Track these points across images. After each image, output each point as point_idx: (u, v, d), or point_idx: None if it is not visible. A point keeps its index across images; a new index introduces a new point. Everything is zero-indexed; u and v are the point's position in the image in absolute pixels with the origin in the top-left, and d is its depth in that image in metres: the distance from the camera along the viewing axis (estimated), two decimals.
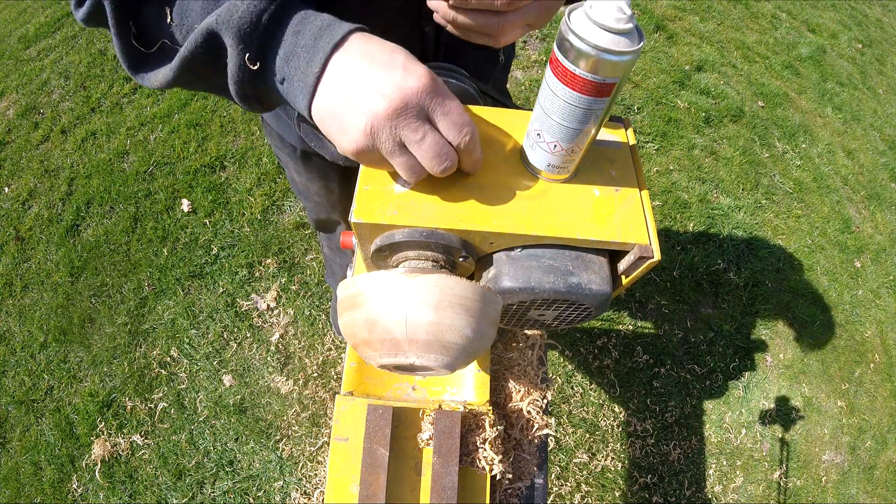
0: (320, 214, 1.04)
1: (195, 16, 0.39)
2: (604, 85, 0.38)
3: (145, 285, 1.71)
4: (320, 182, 0.89)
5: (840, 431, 1.73)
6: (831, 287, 1.99)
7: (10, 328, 1.64)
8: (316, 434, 1.53)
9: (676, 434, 1.64)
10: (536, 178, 0.48)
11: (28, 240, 1.79)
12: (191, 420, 1.53)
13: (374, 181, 0.46)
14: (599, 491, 1.54)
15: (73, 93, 2.12)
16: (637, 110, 2.31)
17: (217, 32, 0.36)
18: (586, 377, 1.70)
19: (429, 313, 0.40)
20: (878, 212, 2.24)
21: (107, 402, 1.53)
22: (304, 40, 0.37)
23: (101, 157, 1.95)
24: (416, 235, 0.45)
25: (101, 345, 1.62)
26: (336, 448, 0.57)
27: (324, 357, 1.64)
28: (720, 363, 1.77)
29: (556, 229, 0.45)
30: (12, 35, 2.32)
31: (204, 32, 0.37)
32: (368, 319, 0.41)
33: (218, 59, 0.38)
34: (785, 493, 1.62)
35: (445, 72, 0.57)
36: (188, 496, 1.44)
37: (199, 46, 0.37)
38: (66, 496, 1.43)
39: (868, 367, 1.86)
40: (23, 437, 1.49)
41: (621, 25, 0.36)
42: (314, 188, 0.92)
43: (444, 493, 0.52)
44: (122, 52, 0.41)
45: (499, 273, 0.47)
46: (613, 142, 0.52)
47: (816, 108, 2.54)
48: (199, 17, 0.39)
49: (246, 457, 1.49)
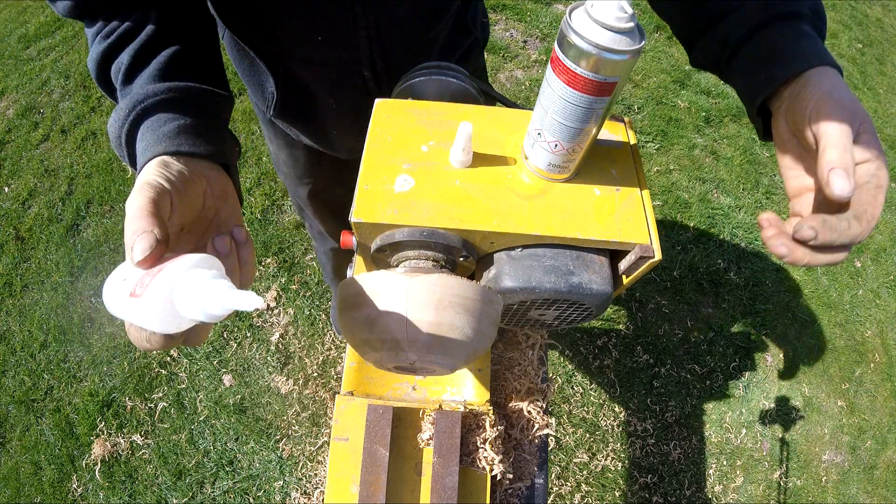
0: (292, 189, 1.03)
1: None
2: (605, 84, 0.38)
3: None
4: (287, 150, 0.89)
5: (840, 431, 1.73)
6: (831, 287, 1.99)
7: (10, 328, 1.64)
8: (316, 434, 1.53)
9: (676, 434, 1.64)
10: (537, 177, 0.48)
11: (28, 240, 1.79)
12: (191, 420, 1.53)
13: (374, 180, 0.46)
14: (599, 491, 1.54)
15: (73, 92, 2.12)
16: (637, 110, 2.31)
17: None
18: (586, 377, 1.70)
19: (429, 313, 0.40)
20: None
21: (107, 402, 1.53)
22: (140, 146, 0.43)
23: (101, 157, 1.95)
24: (416, 235, 0.45)
25: (101, 344, 1.62)
26: (336, 448, 0.57)
27: (324, 357, 1.64)
28: (720, 363, 1.77)
29: (557, 229, 0.45)
30: (12, 35, 2.32)
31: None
32: (368, 319, 0.41)
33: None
34: (785, 493, 1.62)
35: (445, 71, 0.57)
36: (188, 496, 1.44)
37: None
38: (66, 496, 1.43)
39: (868, 366, 1.86)
40: (23, 437, 1.49)
41: (622, 24, 0.36)
42: (282, 157, 0.92)
43: (444, 494, 0.52)
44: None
45: (499, 273, 0.47)
46: (614, 141, 0.52)
47: None
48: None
49: (246, 456, 1.49)
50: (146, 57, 0.46)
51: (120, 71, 0.46)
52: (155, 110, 0.43)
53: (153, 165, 0.39)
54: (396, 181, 0.46)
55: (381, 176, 0.47)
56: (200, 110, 0.45)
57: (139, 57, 0.46)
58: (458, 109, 0.53)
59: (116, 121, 0.43)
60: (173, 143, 0.41)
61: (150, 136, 0.41)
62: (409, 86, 0.58)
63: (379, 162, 0.48)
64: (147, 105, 0.43)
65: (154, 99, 0.43)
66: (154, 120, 0.42)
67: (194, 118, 0.44)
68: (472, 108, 0.53)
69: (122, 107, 0.43)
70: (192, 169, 0.41)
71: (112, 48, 0.46)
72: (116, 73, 0.46)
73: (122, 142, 0.43)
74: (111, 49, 0.46)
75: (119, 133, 0.43)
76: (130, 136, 0.43)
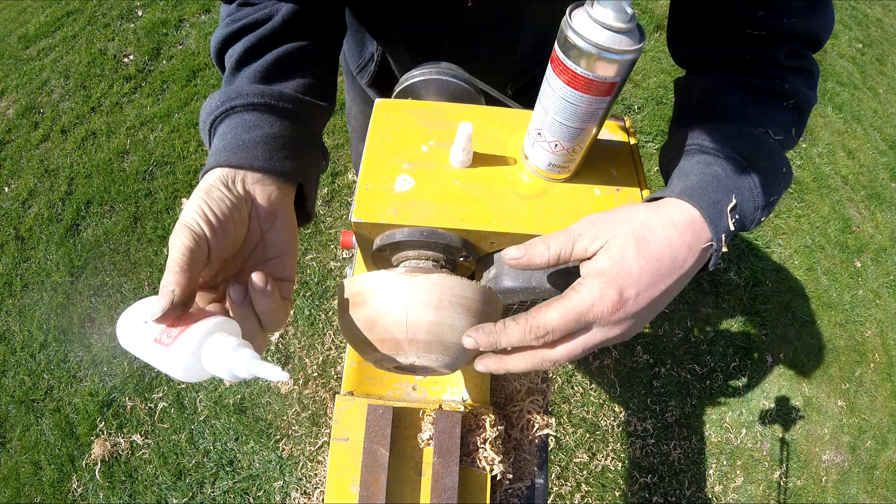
0: (355, 143, 1.06)
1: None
2: (605, 84, 0.38)
3: (145, 285, 1.71)
4: (360, 105, 0.92)
5: (840, 431, 1.73)
6: (831, 287, 1.99)
7: (10, 328, 1.64)
8: (316, 434, 1.53)
9: (677, 434, 1.64)
10: (537, 177, 0.48)
11: (28, 239, 1.79)
12: (191, 420, 1.53)
13: (374, 180, 0.46)
14: (599, 491, 1.54)
15: (73, 92, 2.12)
16: (637, 110, 2.31)
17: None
18: (586, 377, 1.70)
19: (429, 313, 0.40)
20: (879, 211, 2.24)
21: (107, 402, 1.53)
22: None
23: (101, 157, 1.95)
24: (416, 235, 0.45)
25: (101, 344, 1.62)
26: (336, 448, 0.57)
27: (324, 357, 1.64)
28: (720, 363, 1.77)
29: (557, 229, 0.45)
30: (12, 34, 2.32)
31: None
32: (368, 319, 0.41)
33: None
34: (785, 493, 1.62)
35: (446, 70, 0.57)
36: (188, 496, 1.44)
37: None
38: (66, 496, 1.43)
39: (868, 366, 1.86)
40: (23, 437, 1.49)
41: (622, 24, 0.36)
42: (355, 111, 0.95)
43: (444, 494, 0.52)
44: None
45: (499, 273, 0.47)
46: (614, 141, 0.52)
47: (817, 107, 2.54)
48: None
49: (246, 456, 1.49)
50: (260, 50, 0.46)
51: (232, 58, 0.46)
52: (245, 111, 0.43)
53: (218, 180, 0.39)
54: (396, 181, 0.46)
55: (382, 176, 0.47)
56: (292, 121, 0.45)
57: (253, 49, 0.46)
58: (458, 109, 0.53)
59: (208, 108, 0.44)
60: (248, 154, 0.40)
61: (230, 137, 0.41)
62: (410, 86, 0.58)
63: (379, 162, 0.48)
64: (238, 104, 0.43)
65: (247, 100, 0.43)
66: (242, 121, 0.42)
67: (281, 129, 0.43)
68: (472, 108, 0.53)
69: (217, 96, 0.43)
70: (238, 195, 0.39)
71: (233, 34, 0.46)
72: (229, 59, 0.46)
73: (207, 129, 0.44)
74: (231, 35, 0.47)
75: (206, 119, 0.44)
76: (214, 127, 0.44)
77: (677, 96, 0.54)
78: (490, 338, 0.39)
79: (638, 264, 0.36)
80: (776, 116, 0.45)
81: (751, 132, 0.43)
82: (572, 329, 0.37)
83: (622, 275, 0.36)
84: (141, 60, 2.19)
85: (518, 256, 0.40)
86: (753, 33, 0.46)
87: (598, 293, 0.36)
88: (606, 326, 0.37)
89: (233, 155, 0.40)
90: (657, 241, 0.37)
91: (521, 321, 0.38)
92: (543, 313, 0.37)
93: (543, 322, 0.37)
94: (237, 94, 0.43)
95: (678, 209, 0.39)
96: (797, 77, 0.47)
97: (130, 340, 0.35)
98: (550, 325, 0.37)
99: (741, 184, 0.40)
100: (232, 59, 0.46)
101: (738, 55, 0.48)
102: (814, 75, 0.48)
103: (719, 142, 0.43)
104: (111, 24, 2.31)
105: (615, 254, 0.37)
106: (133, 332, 0.35)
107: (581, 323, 0.37)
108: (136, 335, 0.35)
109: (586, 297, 0.36)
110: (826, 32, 0.47)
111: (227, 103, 0.43)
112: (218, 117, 0.43)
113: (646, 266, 0.36)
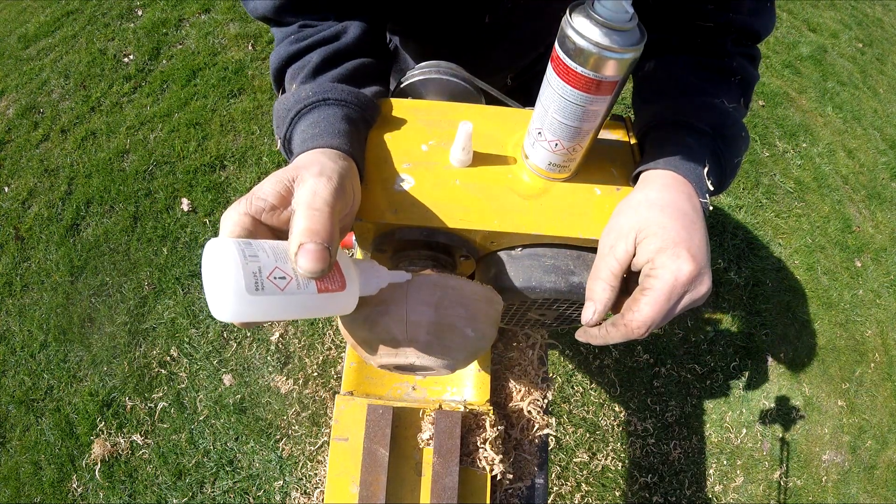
0: None
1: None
2: (605, 83, 0.38)
3: (145, 284, 1.71)
4: None
5: (840, 431, 1.73)
6: (831, 287, 1.98)
7: (10, 328, 1.64)
8: (316, 434, 1.53)
9: (677, 434, 1.64)
10: (537, 176, 0.48)
11: (28, 239, 1.79)
12: (191, 419, 1.53)
13: (374, 180, 0.46)
14: (600, 490, 1.54)
15: (73, 92, 2.12)
16: None
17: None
18: (587, 377, 1.70)
19: (429, 313, 0.40)
20: (879, 211, 2.24)
21: (107, 402, 1.53)
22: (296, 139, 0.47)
23: (101, 157, 1.95)
24: (416, 234, 0.45)
25: (101, 344, 1.62)
26: (336, 448, 0.57)
27: (324, 356, 1.64)
28: (720, 363, 1.77)
29: (558, 228, 0.45)
30: (12, 34, 2.32)
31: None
32: (368, 319, 0.41)
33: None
34: (785, 493, 1.62)
35: (446, 70, 0.57)
36: (188, 496, 1.44)
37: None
38: (66, 496, 1.43)
39: (868, 366, 1.86)
40: (23, 437, 1.49)
41: (623, 24, 0.36)
42: None
43: (444, 494, 0.52)
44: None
45: (500, 272, 0.47)
46: (614, 141, 0.52)
47: (817, 107, 2.54)
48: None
49: (246, 456, 1.49)
50: (336, 61, 0.50)
51: (306, 68, 0.49)
52: (334, 106, 0.46)
53: (327, 154, 0.41)
54: (396, 181, 0.46)
55: (382, 175, 0.47)
56: (369, 119, 0.49)
57: (329, 60, 0.49)
58: (458, 109, 0.53)
59: (296, 100, 0.46)
60: (346, 140, 0.43)
61: (324, 125, 0.44)
62: (409, 85, 0.58)
63: (379, 161, 0.48)
64: (331, 98, 0.46)
65: (338, 95, 0.46)
66: (330, 113, 0.45)
67: (361, 124, 0.47)
68: (472, 108, 0.53)
69: (306, 89, 0.47)
70: (350, 166, 0.42)
71: (302, 50, 0.50)
72: (300, 68, 0.49)
73: (289, 118, 0.46)
74: (301, 51, 0.50)
75: (291, 107, 0.46)
76: (301, 115, 0.46)
77: (634, 75, 0.57)
78: (596, 341, 0.44)
79: (676, 225, 0.40)
80: (728, 89, 0.50)
81: (711, 103, 0.48)
82: (669, 309, 0.40)
83: (676, 239, 0.39)
84: (141, 60, 2.19)
85: (594, 321, 0.44)
86: (703, 24, 0.51)
87: (674, 265, 0.39)
88: (693, 289, 0.40)
89: (344, 140, 0.43)
90: (673, 202, 0.41)
91: (620, 327, 0.41)
92: (639, 311, 0.40)
93: (642, 320, 0.40)
94: (329, 91, 0.46)
95: (671, 178, 0.43)
96: (742, 59, 0.53)
97: (273, 308, 0.32)
98: (650, 319, 0.40)
99: (710, 150, 0.46)
100: (306, 69, 0.49)
101: (690, 41, 0.53)
102: (756, 59, 0.54)
103: (686, 114, 0.47)
104: (111, 23, 2.31)
105: (656, 231, 0.40)
106: (277, 299, 0.32)
107: (674, 298, 0.39)
108: (285, 300, 0.33)
109: (667, 275, 0.39)
110: (767, 31, 0.53)
111: (321, 95, 0.46)
112: (311, 106, 0.46)
113: (682, 221, 0.40)
